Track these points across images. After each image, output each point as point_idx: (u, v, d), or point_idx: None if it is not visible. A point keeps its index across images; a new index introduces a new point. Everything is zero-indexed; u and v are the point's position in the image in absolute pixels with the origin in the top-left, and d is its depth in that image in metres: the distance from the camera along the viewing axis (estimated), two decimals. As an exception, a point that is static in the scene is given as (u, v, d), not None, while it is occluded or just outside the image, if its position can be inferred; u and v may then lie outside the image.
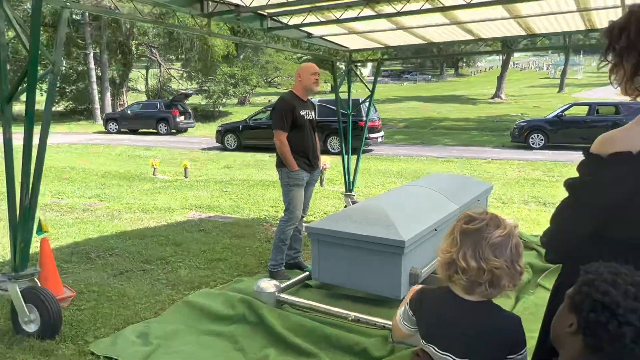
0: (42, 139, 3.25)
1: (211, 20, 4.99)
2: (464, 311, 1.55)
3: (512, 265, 1.46)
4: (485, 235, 1.45)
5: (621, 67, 1.44)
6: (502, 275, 1.45)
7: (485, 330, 1.53)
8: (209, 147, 18.76)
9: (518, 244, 1.49)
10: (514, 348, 1.53)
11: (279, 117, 4.37)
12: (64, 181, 10.97)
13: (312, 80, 4.48)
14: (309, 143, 4.54)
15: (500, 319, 1.55)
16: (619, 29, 1.43)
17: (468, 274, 1.46)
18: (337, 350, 3.15)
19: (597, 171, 1.44)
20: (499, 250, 1.44)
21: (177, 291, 4.27)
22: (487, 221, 1.48)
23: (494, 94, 37.37)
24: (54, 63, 3.27)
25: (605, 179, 1.42)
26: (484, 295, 1.52)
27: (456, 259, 1.47)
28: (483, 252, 1.44)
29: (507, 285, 1.48)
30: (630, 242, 1.43)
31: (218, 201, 8.53)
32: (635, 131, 1.41)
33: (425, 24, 5.72)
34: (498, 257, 1.44)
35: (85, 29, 29.45)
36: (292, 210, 4.47)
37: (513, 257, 1.46)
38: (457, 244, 1.48)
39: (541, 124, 16.88)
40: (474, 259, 1.44)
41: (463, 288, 1.52)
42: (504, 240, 1.46)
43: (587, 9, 5.04)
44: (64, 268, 4.78)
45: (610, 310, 1.20)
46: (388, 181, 10.56)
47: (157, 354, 3.12)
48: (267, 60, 34.26)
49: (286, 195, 4.49)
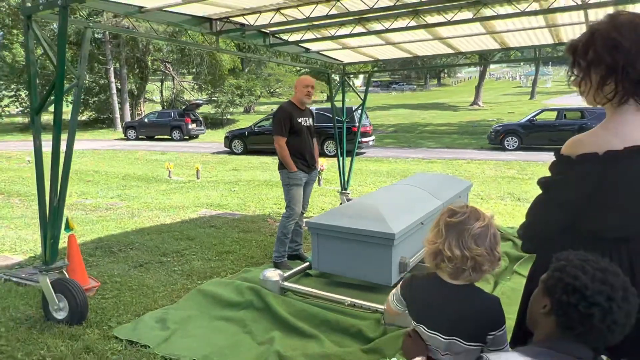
0: (68, 145, 3.24)
1: (219, 38, 4.99)
2: (449, 295, 1.56)
3: (491, 252, 1.48)
4: (467, 227, 1.46)
5: (588, 80, 1.46)
6: (484, 261, 1.47)
7: (469, 311, 1.54)
8: (218, 152, 18.71)
9: (495, 234, 1.50)
10: (494, 325, 1.54)
11: (278, 124, 4.39)
12: (89, 183, 10.94)
13: (304, 93, 4.48)
14: (307, 147, 4.54)
15: (481, 300, 1.57)
16: (583, 46, 1.44)
17: (453, 261, 1.47)
18: (335, 332, 3.15)
19: (566, 170, 1.45)
20: (479, 239, 1.46)
21: (191, 281, 4.26)
22: (468, 214, 1.49)
23: (473, 102, 37.36)
24: (78, 77, 3.26)
25: (574, 177, 1.42)
26: (468, 280, 1.53)
27: (442, 249, 1.49)
28: (466, 241, 1.45)
29: (488, 269, 1.49)
30: (595, 234, 1.44)
31: (227, 200, 8.51)
32: (601, 135, 1.41)
33: (410, 39, 5.73)
34: (479, 246, 1.45)
35: (106, 46, 29.36)
36: (292, 207, 4.47)
37: (492, 245, 1.48)
38: (443, 236, 1.49)
39: (515, 127, 16.88)
40: (458, 248, 1.45)
41: (449, 274, 1.53)
42: (484, 231, 1.47)
43: (555, 25, 5.05)
44: (89, 261, 4.76)
45: (580, 293, 1.21)
46: (379, 180, 10.56)
47: (174, 338, 3.11)
48: (269, 72, 34.24)
49: (287, 193, 4.49)
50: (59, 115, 3.17)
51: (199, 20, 4.62)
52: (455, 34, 5.44)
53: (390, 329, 3.03)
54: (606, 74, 1.38)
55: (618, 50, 1.35)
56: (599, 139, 1.40)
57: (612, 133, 1.39)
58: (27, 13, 3.22)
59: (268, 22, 4.69)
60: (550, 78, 56.56)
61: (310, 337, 3.09)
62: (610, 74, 1.37)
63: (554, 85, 51.86)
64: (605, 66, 1.38)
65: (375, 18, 4.74)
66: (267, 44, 5.53)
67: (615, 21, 1.38)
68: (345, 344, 3.02)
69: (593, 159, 1.38)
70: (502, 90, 52.03)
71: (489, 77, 65.64)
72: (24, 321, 3.38)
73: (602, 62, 1.38)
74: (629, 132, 1.37)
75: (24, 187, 10.21)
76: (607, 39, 1.36)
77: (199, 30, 4.71)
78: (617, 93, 1.38)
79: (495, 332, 1.53)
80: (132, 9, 3.97)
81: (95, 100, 32.87)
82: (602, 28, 1.39)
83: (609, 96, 1.40)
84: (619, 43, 1.34)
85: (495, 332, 1.53)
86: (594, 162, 1.38)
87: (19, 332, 3.20)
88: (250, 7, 4.41)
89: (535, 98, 39.14)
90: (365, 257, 3.59)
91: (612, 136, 1.38)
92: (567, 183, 1.44)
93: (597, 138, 1.41)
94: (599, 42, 1.38)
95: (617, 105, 1.40)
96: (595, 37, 1.39)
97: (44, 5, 3.15)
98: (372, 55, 6.77)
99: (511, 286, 3.89)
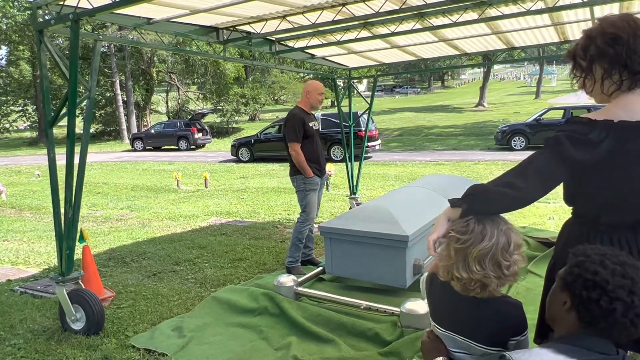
0: (81, 158, 3.27)
1: (226, 46, 5.03)
2: (467, 301, 1.55)
3: (497, 269, 1.45)
4: (470, 251, 1.47)
5: (592, 77, 1.51)
6: (489, 282, 1.47)
7: (488, 318, 1.53)
8: (225, 160, 18.79)
9: (505, 245, 1.46)
10: (517, 330, 1.53)
11: (292, 130, 4.38)
12: (98, 194, 11.02)
13: (319, 100, 4.55)
14: (319, 151, 4.57)
15: (501, 307, 1.55)
16: (582, 48, 1.50)
17: (462, 281, 1.50)
18: (352, 336, 3.15)
19: (579, 129, 1.47)
20: (484, 261, 1.45)
21: (204, 289, 4.27)
22: (474, 236, 1.47)
23: (477, 103, 37.28)
24: (90, 90, 3.30)
25: (588, 137, 1.44)
26: (477, 295, 1.52)
27: (451, 271, 1.52)
28: (469, 265, 1.46)
29: (495, 288, 1.49)
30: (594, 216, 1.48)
31: (236, 207, 8.54)
32: (612, 109, 1.47)
33: (415, 42, 5.74)
34: (484, 268, 1.45)
35: (111, 59, 29.64)
36: (308, 212, 4.48)
37: (499, 262, 1.45)
38: (453, 259, 1.52)
39: (522, 127, 16.83)
40: (464, 271, 1.48)
41: (459, 291, 1.55)
42: (488, 251, 1.45)
43: (560, 23, 5.05)
44: (103, 272, 4.79)
45: (601, 288, 1.21)
46: (387, 184, 10.55)
47: (191, 345, 3.12)
48: (273, 80, 34.38)
49: (303, 199, 4.49)
50: (72, 128, 3.20)
51: (206, 30, 4.66)
52: (461, 35, 5.45)
53: (408, 331, 3.03)
54: (610, 65, 1.45)
55: (617, 42, 1.42)
56: (610, 113, 1.46)
57: (621, 109, 1.45)
58: (39, 28, 3.27)
59: (274, 29, 4.73)
60: (555, 77, 56.36)
61: (327, 342, 3.09)
62: (614, 66, 1.44)
63: (559, 84, 51.66)
64: (609, 58, 1.44)
65: (381, 22, 4.76)
66: (273, 52, 5.56)
67: (607, 21, 1.47)
68: (362, 348, 3.01)
69: (608, 125, 1.43)
70: (506, 90, 51.90)
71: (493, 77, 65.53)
72: (42, 333, 3.40)
73: (605, 55, 1.45)
74: (638, 109, 1.43)
75: (34, 201, 10.31)
76: (605, 34, 1.44)
77: (206, 39, 4.75)
78: (624, 82, 1.44)
79: (517, 338, 1.53)
80: (140, 21, 4.02)
81: (102, 113, 33.18)
82: (597, 28, 1.48)
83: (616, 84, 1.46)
84: (618, 36, 1.42)
85: (517, 337, 1.53)
86: (608, 128, 1.42)
87: (37, 343, 3.23)
88: (256, 15, 4.45)
89: (540, 97, 39.00)
90: (379, 260, 3.59)
91: (621, 110, 1.44)
92: (580, 141, 1.44)
93: (608, 112, 1.47)
94: (598, 39, 1.45)
95: (627, 90, 1.46)
96: (594, 36, 1.47)
97: (55, 20, 3.20)
98: (377, 59, 6.79)
99: (526, 285, 3.87)
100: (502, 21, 4.82)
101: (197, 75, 32.56)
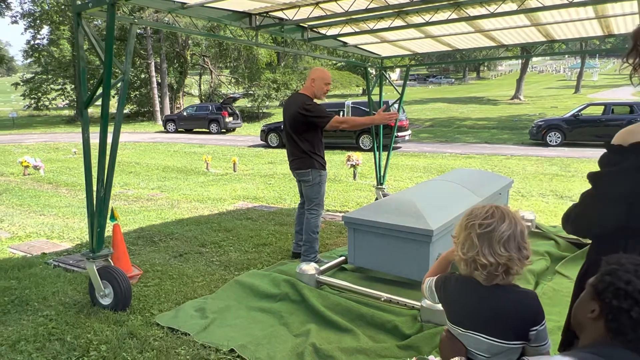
0: (114, 138, 3.35)
1: (258, 32, 5.03)
2: (484, 295, 1.55)
3: (519, 253, 1.49)
4: (495, 235, 1.49)
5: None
6: (512, 265, 1.50)
7: (508, 309, 1.53)
8: (254, 145, 18.96)
9: (522, 230, 1.52)
10: (536, 319, 1.53)
11: (323, 110, 4.19)
12: (131, 174, 11.31)
13: (324, 90, 4.30)
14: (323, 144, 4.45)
15: (517, 297, 1.55)
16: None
17: (487, 268, 1.50)
18: (371, 327, 3.15)
19: (618, 161, 1.40)
20: (508, 243, 1.49)
21: (228, 272, 4.35)
22: (497, 220, 1.51)
23: (514, 95, 36.31)
24: (124, 72, 3.36)
25: (626, 168, 1.37)
26: (501, 282, 1.54)
27: (477, 259, 1.51)
28: (495, 249, 1.48)
29: (517, 271, 1.52)
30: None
31: (263, 192, 8.63)
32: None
33: (451, 32, 5.61)
34: (508, 250, 1.48)
35: (147, 42, 30.17)
36: (321, 205, 4.41)
37: (519, 244, 1.50)
38: (477, 247, 1.51)
39: (558, 122, 16.30)
40: (491, 256, 1.49)
41: (483, 280, 1.55)
42: (511, 233, 1.49)
43: (605, 16, 4.84)
44: (131, 250, 4.93)
45: (633, 298, 1.17)
46: (415, 175, 10.44)
47: (213, 326, 3.19)
48: (305, 66, 34.32)
49: (317, 192, 4.36)
50: (106, 109, 3.29)
51: (238, 15, 4.68)
52: (498, 26, 5.29)
53: (427, 326, 3.01)
54: None
55: None
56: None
57: None
58: (77, 10, 3.35)
59: (307, 16, 4.70)
60: (597, 71, 54.25)
61: (346, 331, 3.11)
62: None
63: (600, 79, 49.75)
64: None
65: (415, 11, 4.67)
66: (305, 38, 5.54)
67: None
68: (381, 339, 3.02)
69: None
70: (544, 83, 50.32)
71: (531, 69, 63.59)
72: (72, 306, 3.54)
73: None
74: None
75: (70, 178, 10.67)
76: None
77: (238, 25, 4.77)
78: None
79: (537, 327, 1.52)
80: (175, 5, 4.06)
81: (136, 94, 33.93)
82: None
83: None
84: None
85: (537, 327, 1.52)
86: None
87: (67, 316, 3.37)
88: (289, 2, 4.43)
89: (580, 92, 37.69)
90: (402, 253, 3.57)
91: None
92: (619, 175, 1.39)
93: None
94: None
95: None
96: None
97: (92, 3, 3.26)
98: (410, 48, 6.67)
99: (552, 287, 3.79)
100: (543, 13, 4.65)
101: (230, 60, 32.83)
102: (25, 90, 34.77)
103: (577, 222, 1.56)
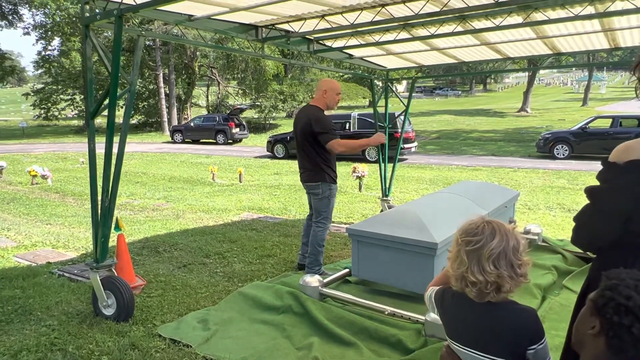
0: (120, 148, 3.36)
1: (264, 44, 5.07)
2: (478, 312, 1.53)
3: (511, 270, 1.44)
4: (484, 252, 1.45)
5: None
6: (503, 282, 1.45)
7: (501, 328, 1.49)
8: (260, 156, 19.01)
9: (515, 245, 1.46)
10: (534, 338, 1.48)
11: (331, 128, 4.19)
12: (137, 184, 11.37)
13: (336, 100, 4.33)
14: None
15: (516, 314, 1.51)
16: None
17: (477, 286, 1.47)
18: (374, 340, 3.11)
19: (613, 178, 1.40)
20: (497, 260, 1.44)
21: (232, 283, 4.33)
22: (486, 237, 1.46)
23: (520, 108, 36.22)
24: (131, 83, 3.39)
25: (621, 185, 1.37)
26: (492, 300, 1.50)
27: (466, 276, 1.48)
28: (484, 266, 1.44)
29: (509, 289, 1.47)
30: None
31: (268, 203, 8.62)
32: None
33: (456, 45, 5.62)
34: (498, 268, 1.43)
35: (156, 53, 30.52)
36: (329, 218, 4.39)
37: (512, 262, 1.45)
38: (466, 264, 1.48)
39: (566, 135, 16.23)
40: (480, 274, 1.45)
41: (474, 297, 1.52)
42: (501, 250, 1.44)
43: (611, 29, 4.83)
44: (136, 260, 4.93)
45: (634, 315, 1.15)
46: (421, 187, 10.40)
47: (215, 338, 3.17)
48: (311, 78, 34.48)
49: (327, 205, 4.33)
50: (112, 119, 3.31)
51: (245, 27, 4.72)
52: (504, 39, 5.31)
53: (431, 341, 2.97)
54: None
55: None
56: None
57: None
58: (85, 22, 3.40)
59: (312, 28, 4.74)
60: (605, 84, 54.11)
61: (349, 345, 3.07)
62: None
63: (608, 92, 49.58)
64: None
65: (421, 24, 4.69)
66: (311, 50, 5.57)
67: None
68: (385, 354, 2.98)
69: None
70: (552, 96, 50.22)
71: (538, 82, 63.54)
72: (75, 316, 3.54)
73: None
74: None
75: (77, 187, 10.74)
76: None
77: (245, 37, 4.81)
78: None
79: (535, 346, 1.47)
80: (182, 18, 4.11)
81: (144, 105, 34.24)
82: None
83: None
84: None
85: (535, 345, 1.47)
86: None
87: (70, 326, 3.36)
88: (295, 14, 4.47)
89: (587, 105, 37.55)
90: (406, 266, 3.54)
91: None
92: (614, 192, 1.38)
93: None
94: None
95: None
96: None
97: (101, 15, 3.31)
98: (416, 61, 6.69)
99: (560, 302, 3.73)
100: (549, 26, 4.65)
101: (238, 71, 33.06)
102: (35, 101, 35.21)
103: (577, 234, 1.55)
